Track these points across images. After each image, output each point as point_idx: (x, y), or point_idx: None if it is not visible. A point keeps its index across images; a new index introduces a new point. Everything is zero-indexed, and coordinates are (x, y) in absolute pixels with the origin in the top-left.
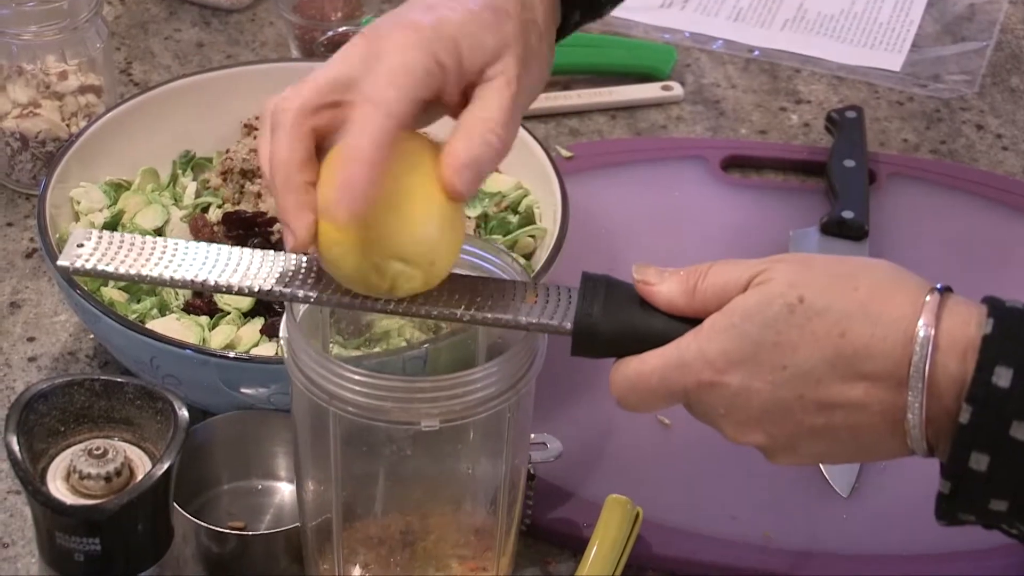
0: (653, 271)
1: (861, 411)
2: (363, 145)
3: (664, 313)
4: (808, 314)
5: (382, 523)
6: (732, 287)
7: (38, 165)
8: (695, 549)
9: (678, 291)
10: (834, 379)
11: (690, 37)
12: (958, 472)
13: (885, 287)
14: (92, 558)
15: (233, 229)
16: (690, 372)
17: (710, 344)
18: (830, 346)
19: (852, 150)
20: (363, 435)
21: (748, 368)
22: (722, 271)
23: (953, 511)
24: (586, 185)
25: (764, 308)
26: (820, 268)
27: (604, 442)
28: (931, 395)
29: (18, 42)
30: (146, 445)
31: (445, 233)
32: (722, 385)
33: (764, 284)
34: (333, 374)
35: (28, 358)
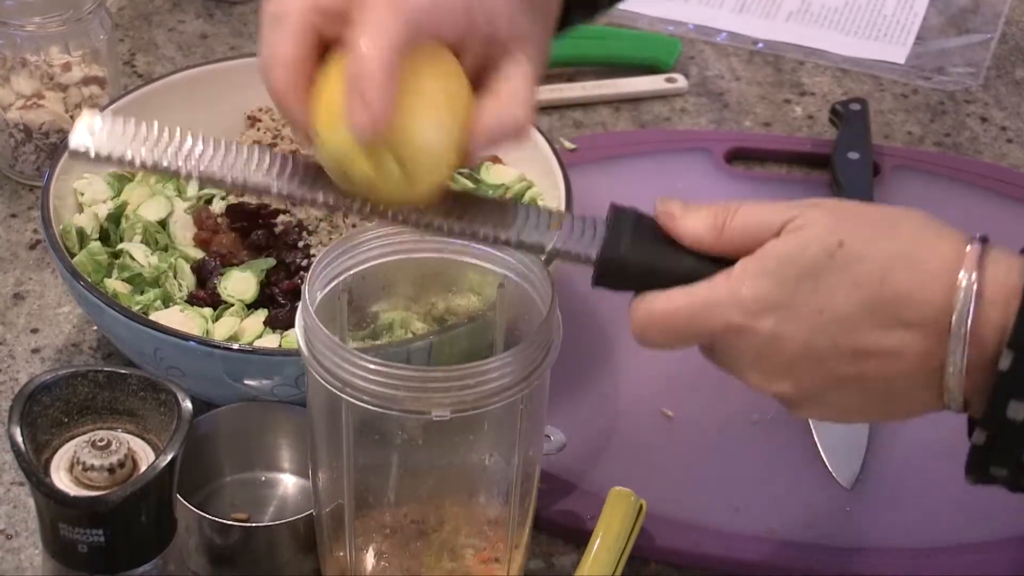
0: (678, 204)
1: (896, 359)
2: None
3: (693, 252)
4: (848, 259)
5: (395, 512)
6: (764, 230)
7: (42, 156)
8: (698, 542)
9: (704, 227)
10: (872, 326)
11: (694, 29)
12: (995, 421)
13: (926, 235)
14: (96, 549)
15: (237, 221)
16: (720, 314)
17: (743, 287)
18: (869, 292)
19: (856, 142)
20: (376, 424)
21: (782, 313)
22: (753, 212)
23: (986, 463)
24: (590, 177)
25: (802, 253)
26: (858, 214)
27: (607, 434)
28: (973, 345)
29: (22, 33)
30: (149, 437)
31: (447, 150)
32: (753, 331)
33: (801, 229)
34: (347, 362)
35: (32, 350)
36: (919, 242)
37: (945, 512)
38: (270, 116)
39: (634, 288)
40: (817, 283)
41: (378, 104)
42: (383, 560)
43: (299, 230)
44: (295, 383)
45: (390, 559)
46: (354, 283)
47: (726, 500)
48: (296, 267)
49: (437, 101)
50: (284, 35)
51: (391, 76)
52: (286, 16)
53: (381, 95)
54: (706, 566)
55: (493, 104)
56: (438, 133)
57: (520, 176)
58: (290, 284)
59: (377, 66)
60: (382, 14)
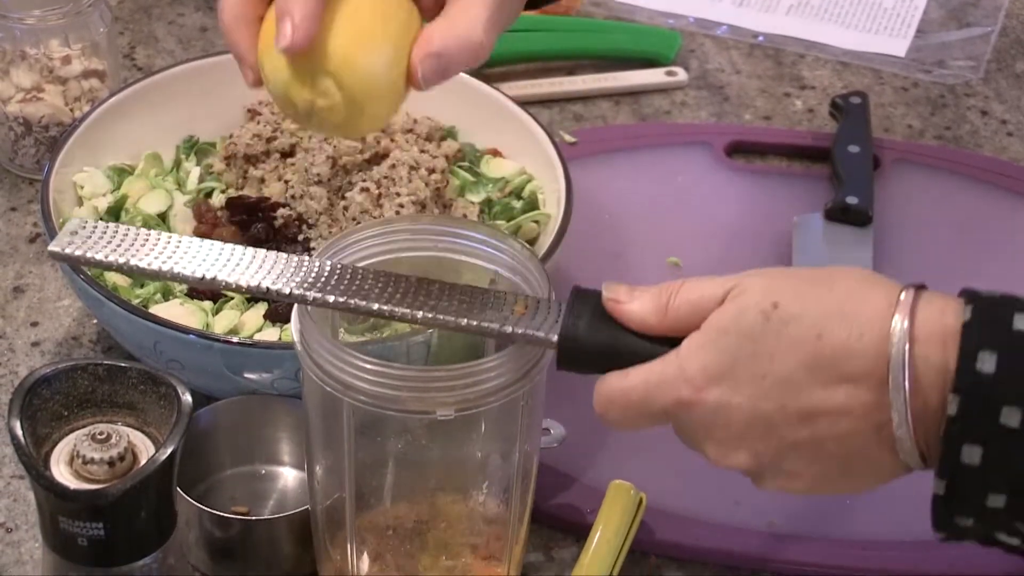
0: (624, 289)
1: (845, 417)
2: None
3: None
4: (784, 319)
5: (394, 511)
6: (707, 303)
7: (41, 150)
8: (698, 535)
9: (650, 309)
10: (815, 384)
11: (694, 22)
12: (951, 469)
13: (859, 288)
14: (95, 543)
15: (237, 214)
16: (669, 390)
17: (688, 361)
18: (808, 350)
19: (856, 136)
20: (376, 424)
21: (727, 382)
22: (695, 288)
23: (950, 514)
24: (590, 171)
25: (739, 319)
26: (793, 275)
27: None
28: (915, 390)
29: (21, 26)
30: (149, 430)
31: (388, 74)
32: (701, 403)
33: (739, 297)
34: (347, 364)
35: (32, 343)
36: (853, 295)
37: None
38: (270, 110)
39: (596, 370)
40: (756, 348)
41: (299, 17)
42: (380, 559)
43: (299, 224)
44: (295, 376)
45: (387, 558)
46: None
47: (726, 493)
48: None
49: (375, 22)
50: None
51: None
52: None
53: (304, 8)
54: (706, 559)
55: (441, 23)
56: (376, 55)
57: (520, 169)
58: None
59: None
60: None
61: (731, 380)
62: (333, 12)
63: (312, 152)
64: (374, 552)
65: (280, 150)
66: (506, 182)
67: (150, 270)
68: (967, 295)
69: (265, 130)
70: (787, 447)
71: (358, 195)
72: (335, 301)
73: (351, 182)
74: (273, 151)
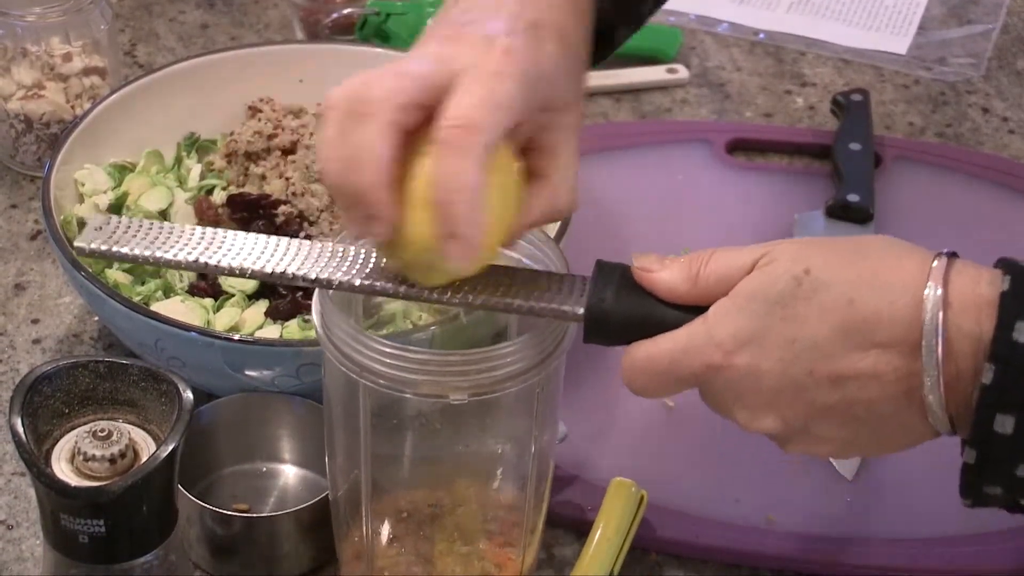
0: (653, 258)
1: (875, 382)
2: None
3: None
4: (815, 285)
5: (411, 496)
6: (736, 272)
7: (42, 147)
8: (699, 532)
9: (680, 278)
10: (845, 350)
11: (695, 20)
12: (983, 437)
13: (891, 255)
14: (96, 540)
15: (237, 211)
16: (699, 355)
17: (717, 326)
18: (838, 316)
19: (858, 133)
20: (393, 408)
21: (757, 347)
22: (724, 257)
23: (979, 483)
24: (591, 168)
25: (770, 286)
26: (823, 243)
27: (608, 425)
28: (947, 358)
29: (22, 23)
30: (150, 427)
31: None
32: (730, 368)
33: (768, 264)
34: (364, 346)
35: (32, 340)
36: (885, 262)
37: (946, 503)
38: (271, 107)
39: (624, 341)
40: (787, 313)
41: (471, 245)
42: (398, 542)
43: (300, 220)
44: (296, 374)
45: (405, 542)
46: None
47: (727, 491)
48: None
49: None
50: (371, 134)
51: (480, 214)
52: (370, 115)
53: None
54: (707, 557)
55: (544, 195)
56: (496, 234)
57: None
58: None
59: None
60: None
61: (761, 345)
62: None
63: (313, 149)
64: (391, 535)
65: (281, 147)
66: None
67: (177, 261)
68: (1004, 264)
69: (266, 127)
70: (816, 411)
71: None
72: (361, 284)
73: None
74: (274, 148)
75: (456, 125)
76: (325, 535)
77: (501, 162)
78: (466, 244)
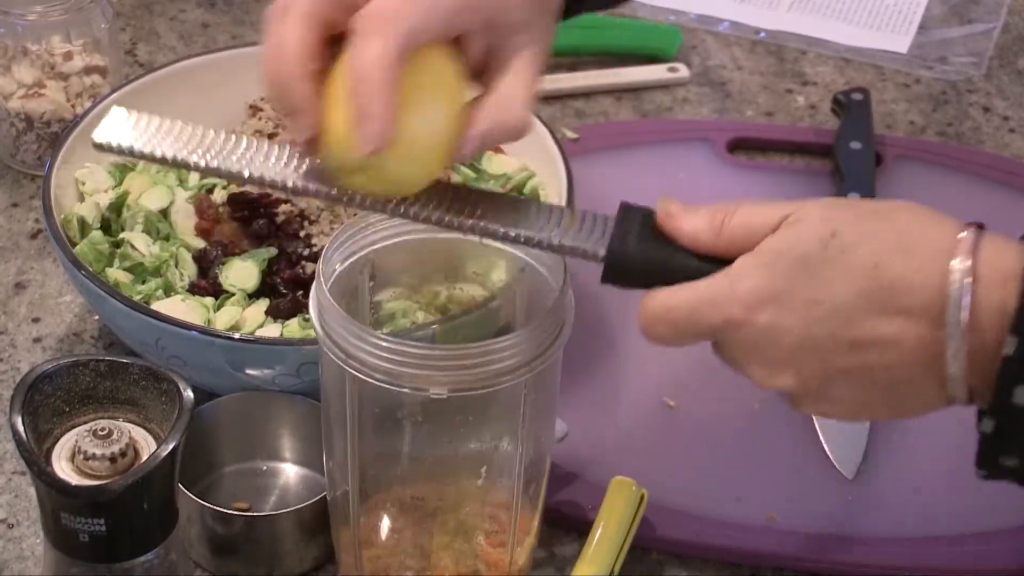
0: (678, 204)
1: (896, 348)
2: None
3: (697, 252)
4: (842, 247)
5: (404, 493)
6: (761, 227)
7: (43, 146)
8: (700, 531)
9: (704, 227)
10: (868, 314)
11: (696, 18)
12: (1002, 408)
13: (919, 222)
14: (97, 538)
15: (238, 210)
16: (719, 309)
17: (740, 281)
18: (864, 280)
19: (859, 132)
20: (384, 402)
21: (779, 305)
22: (751, 211)
23: (996, 453)
24: (592, 167)
25: (796, 245)
26: (852, 206)
27: (609, 424)
28: (972, 329)
29: (23, 22)
30: (151, 426)
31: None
32: (751, 324)
33: (796, 223)
34: (351, 335)
35: (33, 339)
36: (913, 230)
37: (947, 502)
38: (271, 106)
39: (641, 286)
40: (812, 274)
41: (381, 126)
42: (391, 539)
43: (301, 219)
44: (297, 373)
45: (401, 536)
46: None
47: (728, 490)
48: (297, 256)
49: (429, 102)
50: (291, 25)
51: (391, 95)
52: (292, 6)
53: (383, 115)
54: (708, 556)
55: (490, 103)
56: (430, 136)
57: (522, 166)
58: (291, 274)
59: (378, 86)
60: (381, 25)
61: (784, 303)
62: None
63: None
64: (385, 531)
65: None
66: (508, 178)
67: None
68: None
69: (267, 126)
70: (835, 372)
71: None
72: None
73: None
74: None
75: (371, 11)
76: (325, 534)
77: (435, 64)
78: (376, 126)
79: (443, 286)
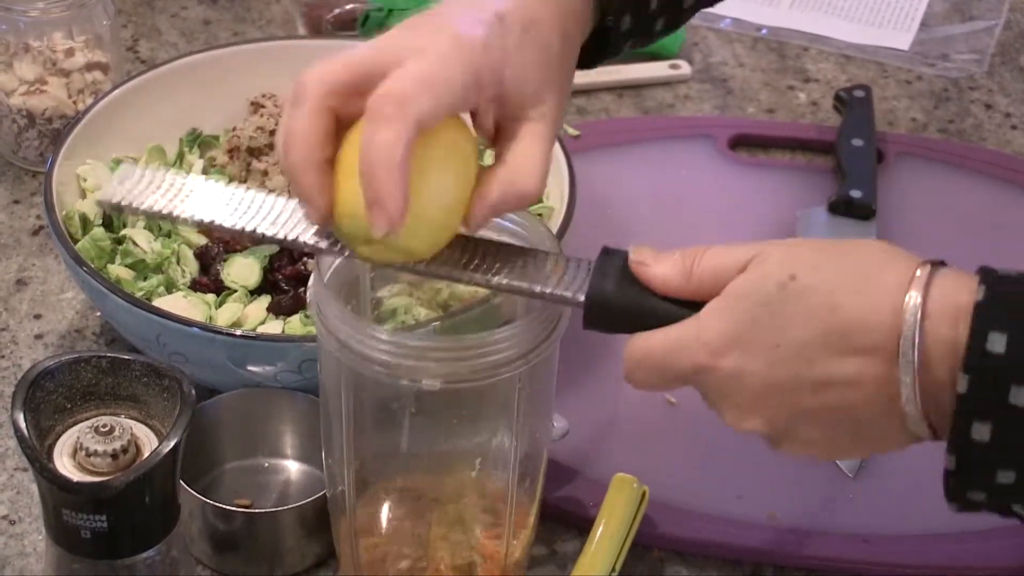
0: (649, 252)
1: (856, 388)
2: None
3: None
4: (799, 291)
5: (403, 484)
6: (728, 270)
7: (45, 142)
8: (701, 528)
9: (673, 272)
10: (828, 355)
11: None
12: (961, 445)
13: (876, 263)
14: (99, 535)
15: None
16: (688, 354)
17: (707, 327)
18: (822, 322)
19: (860, 129)
20: (377, 393)
21: (742, 349)
22: (718, 254)
23: (962, 489)
24: (593, 164)
25: (756, 288)
26: (814, 247)
27: (610, 421)
28: (924, 365)
29: (25, 19)
30: (153, 423)
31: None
32: (717, 369)
33: (758, 267)
34: (347, 324)
35: (35, 335)
36: (869, 269)
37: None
38: (273, 102)
39: (623, 330)
40: (772, 317)
41: (393, 210)
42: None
43: None
44: (298, 369)
45: (397, 528)
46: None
47: (729, 487)
48: (299, 253)
49: (440, 178)
50: (301, 115)
51: (403, 180)
52: (303, 98)
53: (395, 200)
54: (709, 553)
55: (501, 174)
56: (440, 211)
57: None
58: (293, 270)
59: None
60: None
61: (746, 347)
62: None
63: None
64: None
65: None
66: None
67: (184, 219)
68: (983, 273)
69: (268, 123)
70: (800, 414)
71: None
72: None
73: None
74: (276, 144)
75: (383, 95)
76: (327, 531)
77: (447, 137)
78: (389, 211)
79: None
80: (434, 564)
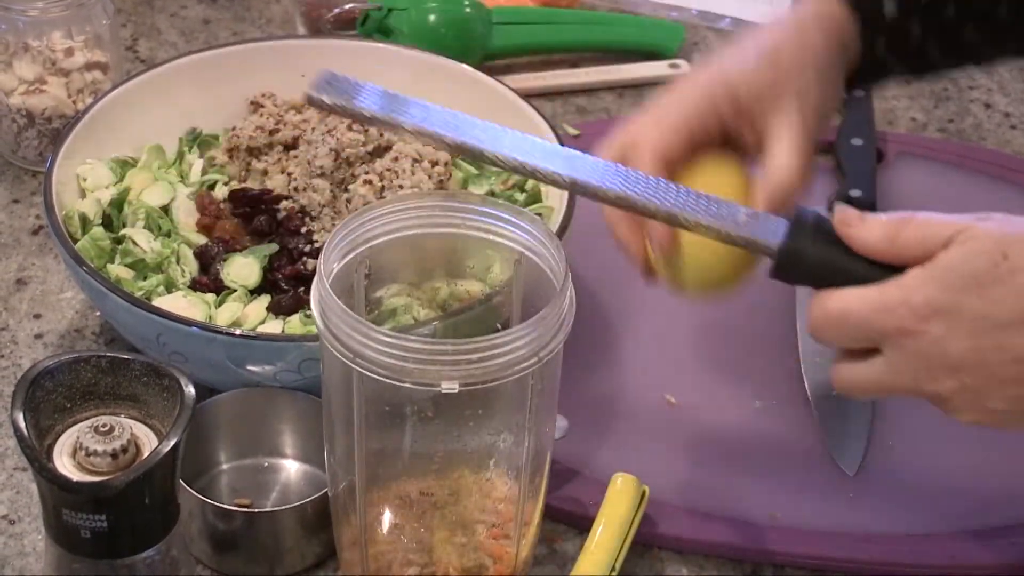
0: (855, 213)
1: None
2: None
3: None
4: (1012, 269)
5: (407, 487)
6: (935, 241)
7: (44, 142)
8: (701, 528)
9: (879, 235)
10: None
11: (698, 15)
12: None
13: None
14: (98, 535)
15: (239, 207)
16: (892, 317)
17: (915, 293)
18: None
19: (860, 129)
20: (388, 397)
21: (949, 318)
22: (925, 223)
23: None
24: None
25: (969, 264)
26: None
27: (610, 420)
28: None
29: (24, 18)
30: (152, 422)
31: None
32: (922, 334)
33: (969, 242)
34: (358, 333)
35: (34, 335)
36: None
37: (947, 499)
38: (272, 102)
39: (808, 284)
40: (983, 291)
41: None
42: (394, 533)
43: (302, 216)
44: (298, 369)
45: (402, 532)
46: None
47: (729, 486)
48: (299, 253)
49: None
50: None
51: None
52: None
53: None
54: (709, 552)
55: (763, 183)
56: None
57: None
58: (293, 270)
59: None
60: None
61: (954, 316)
62: None
63: (315, 144)
64: (388, 525)
65: (283, 142)
66: (509, 175)
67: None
68: None
69: (268, 123)
70: (996, 384)
71: (361, 187)
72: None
73: (354, 174)
74: (276, 143)
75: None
76: (327, 530)
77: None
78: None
79: (443, 282)
80: (442, 567)
